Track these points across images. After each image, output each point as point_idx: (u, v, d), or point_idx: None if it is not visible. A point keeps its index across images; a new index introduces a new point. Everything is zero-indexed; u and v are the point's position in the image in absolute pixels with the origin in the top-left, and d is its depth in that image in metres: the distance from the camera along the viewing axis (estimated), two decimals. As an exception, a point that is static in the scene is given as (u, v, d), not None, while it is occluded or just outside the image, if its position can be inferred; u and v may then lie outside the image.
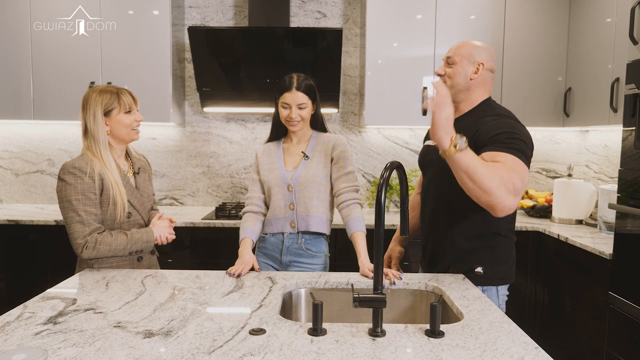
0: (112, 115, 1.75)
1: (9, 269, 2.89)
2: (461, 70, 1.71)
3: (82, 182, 1.68)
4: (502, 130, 1.55)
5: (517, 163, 1.47)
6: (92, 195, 1.70)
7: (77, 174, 1.69)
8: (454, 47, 1.76)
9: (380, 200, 1.21)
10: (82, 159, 1.73)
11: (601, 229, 2.66)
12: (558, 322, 2.65)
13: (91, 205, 1.70)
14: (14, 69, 3.06)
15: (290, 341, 1.15)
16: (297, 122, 1.91)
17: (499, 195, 1.41)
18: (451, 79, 1.72)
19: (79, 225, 1.69)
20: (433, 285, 1.63)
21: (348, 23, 3.44)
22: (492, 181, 1.39)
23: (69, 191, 1.68)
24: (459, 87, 1.72)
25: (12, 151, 3.45)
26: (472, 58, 1.71)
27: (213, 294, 1.50)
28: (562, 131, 3.46)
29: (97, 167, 1.72)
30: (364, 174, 3.50)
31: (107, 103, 1.74)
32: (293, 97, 1.88)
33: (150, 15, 3.07)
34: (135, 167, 1.90)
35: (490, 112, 1.69)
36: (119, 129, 1.77)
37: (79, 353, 1.06)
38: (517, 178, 1.43)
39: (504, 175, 1.41)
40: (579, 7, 3.02)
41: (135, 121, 1.79)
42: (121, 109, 1.76)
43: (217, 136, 3.49)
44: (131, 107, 1.78)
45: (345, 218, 1.90)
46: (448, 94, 1.38)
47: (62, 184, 1.69)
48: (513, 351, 1.11)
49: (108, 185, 1.72)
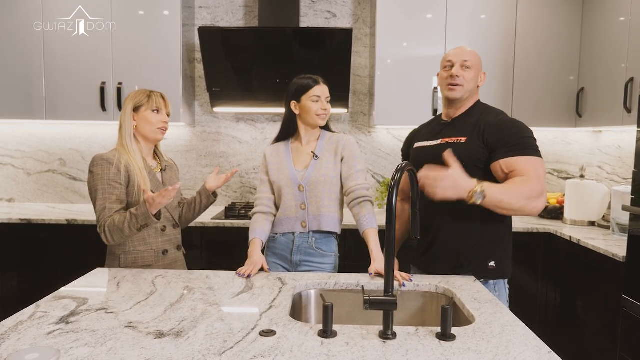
0: (141, 111, 1.87)
1: (21, 268, 2.92)
2: (475, 76, 1.80)
3: (109, 172, 1.79)
4: (509, 132, 1.68)
5: (532, 163, 1.62)
6: (118, 184, 1.79)
7: (105, 165, 1.80)
8: (466, 52, 1.79)
9: (391, 202, 1.20)
10: (111, 152, 1.85)
11: (614, 231, 2.63)
12: (570, 326, 2.62)
13: (117, 194, 1.79)
14: (26, 70, 3.09)
15: (301, 343, 1.14)
16: (328, 114, 1.97)
17: (531, 208, 1.58)
18: (468, 82, 1.78)
19: (102, 213, 1.77)
20: (444, 288, 1.61)
21: (358, 23, 3.43)
22: (519, 202, 1.56)
23: (96, 181, 1.79)
24: (469, 90, 1.80)
25: (24, 151, 3.49)
26: (480, 67, 1.82)
27: (223, 295, 1.51)
28: (574, 132, 3.42)
29: (125, 159, 1.83)
30: (374, 174, 3.49)
31: (138, 100, 1.87)
32: (322, 90, 1.95)
33: (161, 15, 3.08)
34: (163, 164, 2.00)
35: (487, 111, 1.80)
36: (145, 125, 1.87)
37: (91, 353, 1.07)
38: (536, 182, 1.58)
39: (526, 191, 1.56)
40: (592, 6, 2.98)
41: (161, 122, 1.89)
42: (149, 106, 1.86)
43: (226, 136, 3.50)
44: (159, 107, 1.88)
45: (357, 216, 1.90)
46: (458, 168, 1.52)
47: (90, 175, 1.81)
48: (526, 355, 1.10)
49: (134, 176, 1.82)
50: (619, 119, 2.67)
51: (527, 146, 1.64)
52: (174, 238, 1.97)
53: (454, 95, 1.79)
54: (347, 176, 1.96)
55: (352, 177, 1.95)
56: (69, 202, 3.50)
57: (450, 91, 1.79)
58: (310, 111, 1.94)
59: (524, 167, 1.61)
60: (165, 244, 1.92)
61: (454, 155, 1.55)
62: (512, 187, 1.56)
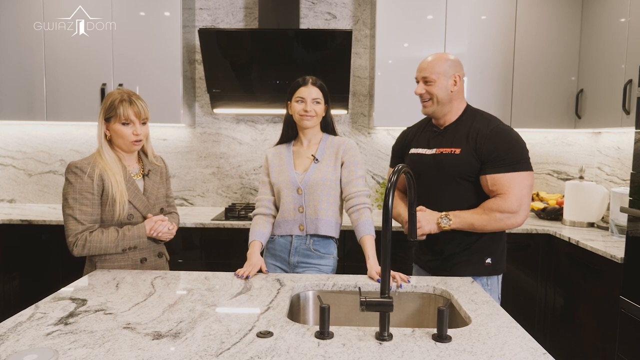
0: (111, 122, 1.77)
1: (21, 269, 2.94)
2: (442, 86, 1.83)
3: (82, 181, 1.73)
4: (499, 145, 1.75)
5: (516, 180, 1.72)
6: (89, 194, 1.73)
7: (78, 174, 1.74)
8: (426, 65, 1.85)
9: (387, 204, 1.21)
10: (87, 159, 1.79)
11: (613, 232, 2.63)
12: (568, 326, 2.62)
13: (87, 205, 1.73)
14: (27, 70, 3.11)
15: (298, 344, 1.15)
16: (312, 116, 1.92)
17: (506, 225, 1.74)
18: (435, 96, 1.83)
19: (72, 223, 1.73)
20: (441, 289, 1.62)
21: (358, 24, 3.44)
22: (491, 224, 1.73)
23: (68, 189, 1.74)
24: (443, 101, 1.84)
25: (25, 152, 3.50)
26: (447, 73, 1.83)
27: (221, 296, 1.51)
28: (573, 133, 3.42)
29: (100, 167, 1.76)
30: (373, 175, 3.50)
31: (107, 110, 1.77)
32: (308, 91, 1.92)
33: (162, 16, 3.09)
34: (145, 169, 1.90)
35: (479, 119, 1.84)
36: (116, 138, 1.79)
37: (89, 354, 1.08)
38: (514, 200, 1.71)
39: (498, 215, 1.72)
40: (592, 7, 2.98)
41: (133, 134, 1.77)
42: (117, 119, 1.75)
43: (227, 137, 3.51)
44: (128, 119, 1.75)
45: (355, 222, 1.90)
46: (424, 211, 1.79)
47: (65, 182, 1.76)
48: (521, 357, 1.11)
49: (108, 184, 1.75)
50: (617, 120, 2.67)
51: (515, 160, 1.73)
52: (154, 246, 1.90)
53: (427, 112, 1.90)
54: (347, 181, 1.95)
55: (352, 182, 1.94)
56: (69, 202, 3.51)
57: (423, 107, 1.90)
58: (295, 111, 1.95)
59: (507, 184, 1.72)
60: (142, 252, 1.86)
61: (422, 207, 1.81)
62: (483, 211, 1.74)
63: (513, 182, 1.71)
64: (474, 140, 1.78)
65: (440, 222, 1.75)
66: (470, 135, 1.79)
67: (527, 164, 1.75)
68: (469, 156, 1.78)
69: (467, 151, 1.78)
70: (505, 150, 1.73)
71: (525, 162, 1.75)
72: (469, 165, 1.78)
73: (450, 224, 1.74)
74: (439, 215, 1.76)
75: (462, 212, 1.76)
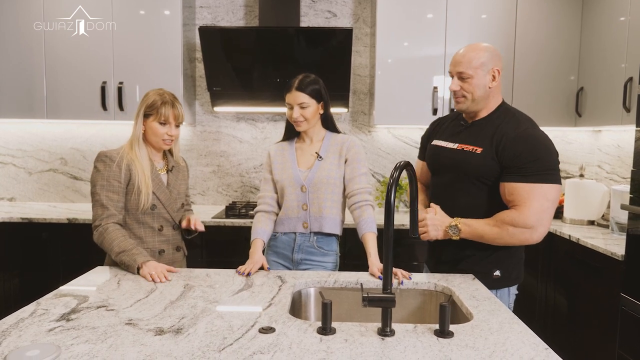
0: (149, 120, 1.86)
1: (22, 267, 2.94)
2: (479, 83, 1.67)
3: (110, 169, 1.82)
4: (523, 151, 1.58)
5: (536, 192, 1.56)
6: (116, 182, 1.81)
7: (107, 162, 1.83)
8: (462, 58, 1.68)
9: (389, 200, 1.21)
10: (116, 150, 1.88)
11: (613, 230, 2.63)
12: (569, 324, 2.63)
13: (114, 192, 1.81)
14: (27, 69, 3.10)
15: (300, 340, 1.15)
16: (300, 122, 1.92)
17: (519, 241, 1.61)
18: (471, 94, 1.68)
19: (98, 209, 1.80)
20: (442, 285, 1.62)
21: (358, 22, 3.44)
22: (502, 238, 1.61)
23: (97, 177, 1.82)
24: (479, 99, 1.69)
25: (25, 150, 3.50)
26: (485, 67, 1.68)
27: (223, 293, 1.52)
28: (574, 131, 3.42)
29: (128, 157, 1.85)
30: (374, 173, 3.50)
31: (148, 107, 1.86)
32: (293, 97, 1.90)
33: (162, 15, 3.09)
34: (170, 165, 1.99)
35: (509, 120, 1.68)
36: (150, 135, 1.88)
37: (91, 350, 1.08)
38: (529, 215, 1.55)
39: (511, 230, 1.58)
40: (592, 6, 2.99)
41: (167, 134, 1.87)
42: (156, 117, 1.85)
43: (227, 135, 3.51)
44: (167, 120, 1.85)
45: (357, 219, 1.90)
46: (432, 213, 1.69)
47: (93, 170, 1.85)
48: (522, 352, 1.11)
49: (135, 175, 1.83)
50: (618, 118, 2.68)
51: (539, 170, 1.56)
52: (173, 239, 1.96)
53: (460, 108, 1.74)
54: (350, 178, 1.95)
55: (355, 179, 1.94)
56: (69, 201, 3.51)
57: (456, 104, 1.74)
58: (287, 116, 1.96)
59: (526, 195, 1.56)
60: (162, 244, 1.91)
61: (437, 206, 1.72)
62: (495, 223, 1.61)
63: (533, 194, 1.55)
64: (498, 142, 1.62)
65: (448, 231, 1.66)
66: (496, 136, 1.64)
67: (554, 175, 1.58)
68: (489, 158, 1.63)
69: (489, 152, 1.64)
70: (529, 157, 1.57)
71: (551, 174, 1.57)
72: (488, 167, 1.64)
73: (459, 235, 1.65)
74: (448, 223, 1.66)
75: (473, 222, 1.64)
